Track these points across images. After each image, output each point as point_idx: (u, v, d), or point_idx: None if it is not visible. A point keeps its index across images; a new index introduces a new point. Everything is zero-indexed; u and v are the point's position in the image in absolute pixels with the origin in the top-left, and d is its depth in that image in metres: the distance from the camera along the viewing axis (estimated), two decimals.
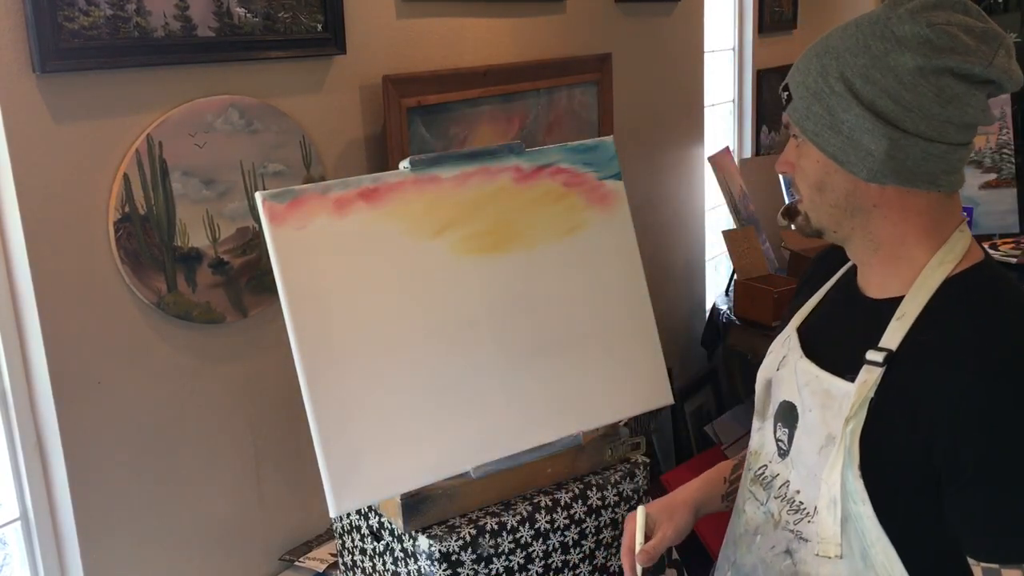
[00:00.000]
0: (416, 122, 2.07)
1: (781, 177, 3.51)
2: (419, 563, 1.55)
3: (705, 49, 3.43)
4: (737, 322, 2.96)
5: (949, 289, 1.05)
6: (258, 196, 1.46)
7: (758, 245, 3.01)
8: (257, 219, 1.69)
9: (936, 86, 0.99)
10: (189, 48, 1.66)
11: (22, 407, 1.57)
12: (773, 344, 1.28)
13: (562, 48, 2.60)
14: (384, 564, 1.65)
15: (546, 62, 2.47)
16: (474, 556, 1.54)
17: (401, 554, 1.59)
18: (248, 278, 1.82)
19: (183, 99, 1.69)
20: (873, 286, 1.13)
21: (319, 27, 1.88)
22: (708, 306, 3.52)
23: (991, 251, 3.32)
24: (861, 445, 1.04)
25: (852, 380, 1.07)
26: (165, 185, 1.67)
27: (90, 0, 1.51)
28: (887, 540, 1.04)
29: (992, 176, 3.68)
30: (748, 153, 3.85)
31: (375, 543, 1.66)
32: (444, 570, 1.52)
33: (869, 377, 1.05)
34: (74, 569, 1.64)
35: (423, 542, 1.53)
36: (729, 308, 3.04)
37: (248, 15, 1.75)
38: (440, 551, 1.51)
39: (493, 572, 1.57)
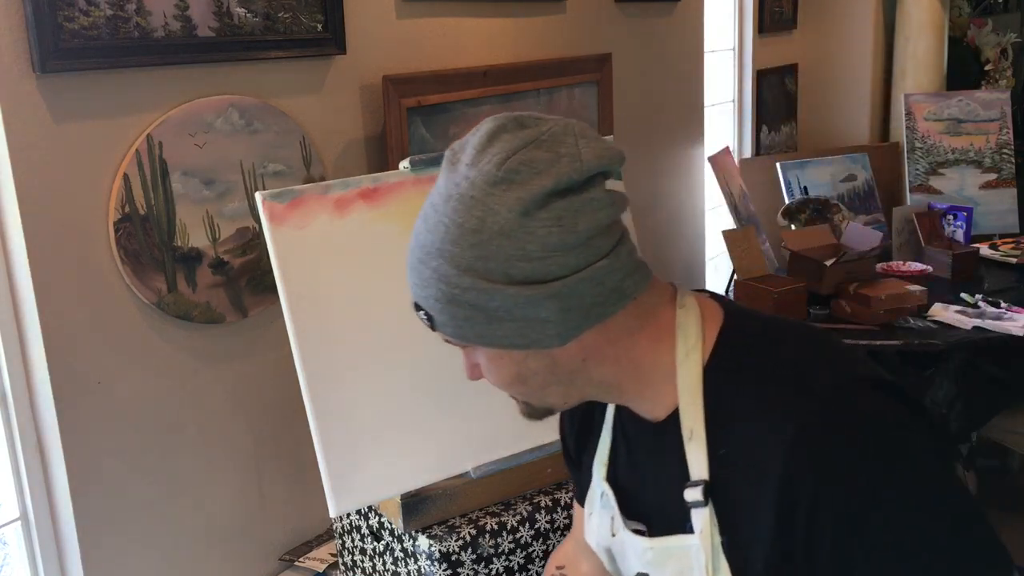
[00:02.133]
0: (416, 122, 2.07)
1: (781, 177, 3.51)
2: (419, 563, 1.55)
3: (705, 49, 3.43)
4: None
5: (714, 382, 0.92)
6: (258, 196, 1.46)
7: (758, 245, 3.01)
8: (257, 219, 1.69)
9: (549, 219, 0.84)
10: (189, 48, 1.66)
11: (22, 407, 1.57)
12: (587, 504, 1.12)
13: (562, 48, 2.60)
14: (384, 564, 1.65)
15: (546, 62, 2.46)
16: (474, 556, 1.54)
17: (401, 554, 1.59)
18: (248, 278, 1.82)
19: (183, 99, 1.69)
20: (648, 410, 0.98)
21: (319, 27, 1.88)
22: None
23: (991, 252, 3.32)
24: None
25: (692, 530, 0.93)
26: (165, 185, 1.67)
27: (90, 0, 1.51)
28: None
29: (992, 176, 3.68)
30: (748, 153, 3.85)
31: (375, 543, 1.66)
32: (444, 570, 1.52)
33: (703, 522, 0.91)
34: (74, 569, 1.64)
35: (423, 542, 1.53)
36: None
37: (248, 15, 1.75)
38: (440, 551, 1.51)
39: (493, 572, 1.57)
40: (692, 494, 0.91)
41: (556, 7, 2.58)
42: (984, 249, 3.30)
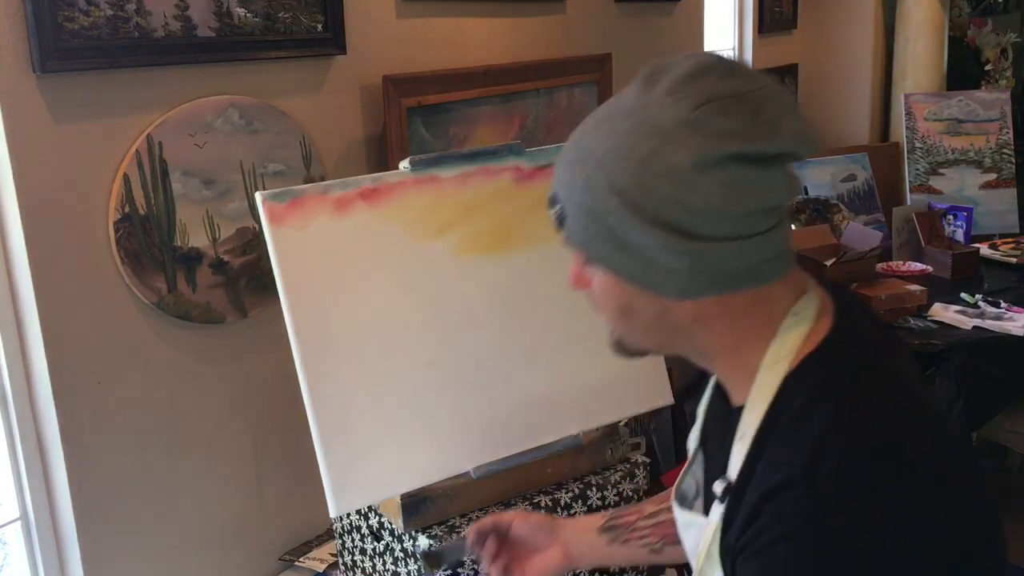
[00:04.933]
0: (416, 122, 2.07)
1: None
2: (419, 563, 1.55)
3: (705, 49, 3.43)
4: None
5: (784, 393, 0.87)
6: (258, 196, 1.46)
7: None
8: (257, 219, 1.69)
9: (722, 180, 0.80)
10: (189, 48, 1.66)
11: (22, 407, 1.57)
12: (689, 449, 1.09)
13: (562, 48, 2.60)
14: (384, 564, 1.65)
15: (546, 62, 2.46)
16: (474, 556, 1.54)
17: (401, 554, 1.59)
18: (248, 278, 1.82)
19: (183, 99, 1.69)
20: (731, 393, 0.95)
21: (319, 27, 1.88)
22: None
23: (991, 251, 3.31)
24: None
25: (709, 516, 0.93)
26: (165, 185, 1.67)
27: (90, 0, 1.51)
28: None
29: (992, 176, 3.68)
30: None
31: (375, 543, 1.66)
32: (444, 570, 1.52)
33: (718, 515, 0.90)
34: (74, 569, 1.64)
35: (423, 542, 1.53)
36: None
37: (248, 15, 1.75)
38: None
39: None
40: (718, 486, 0.90)
41: (556, 7, 2.58)
42: (984, 249, 3.30)
